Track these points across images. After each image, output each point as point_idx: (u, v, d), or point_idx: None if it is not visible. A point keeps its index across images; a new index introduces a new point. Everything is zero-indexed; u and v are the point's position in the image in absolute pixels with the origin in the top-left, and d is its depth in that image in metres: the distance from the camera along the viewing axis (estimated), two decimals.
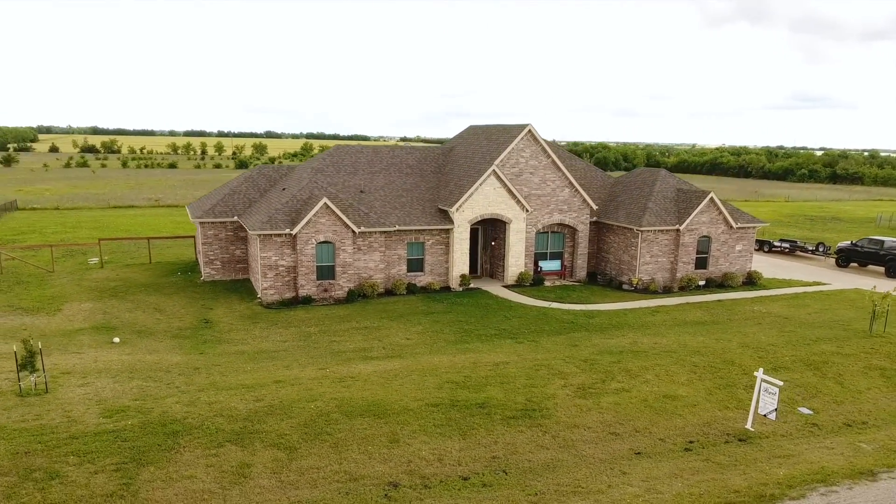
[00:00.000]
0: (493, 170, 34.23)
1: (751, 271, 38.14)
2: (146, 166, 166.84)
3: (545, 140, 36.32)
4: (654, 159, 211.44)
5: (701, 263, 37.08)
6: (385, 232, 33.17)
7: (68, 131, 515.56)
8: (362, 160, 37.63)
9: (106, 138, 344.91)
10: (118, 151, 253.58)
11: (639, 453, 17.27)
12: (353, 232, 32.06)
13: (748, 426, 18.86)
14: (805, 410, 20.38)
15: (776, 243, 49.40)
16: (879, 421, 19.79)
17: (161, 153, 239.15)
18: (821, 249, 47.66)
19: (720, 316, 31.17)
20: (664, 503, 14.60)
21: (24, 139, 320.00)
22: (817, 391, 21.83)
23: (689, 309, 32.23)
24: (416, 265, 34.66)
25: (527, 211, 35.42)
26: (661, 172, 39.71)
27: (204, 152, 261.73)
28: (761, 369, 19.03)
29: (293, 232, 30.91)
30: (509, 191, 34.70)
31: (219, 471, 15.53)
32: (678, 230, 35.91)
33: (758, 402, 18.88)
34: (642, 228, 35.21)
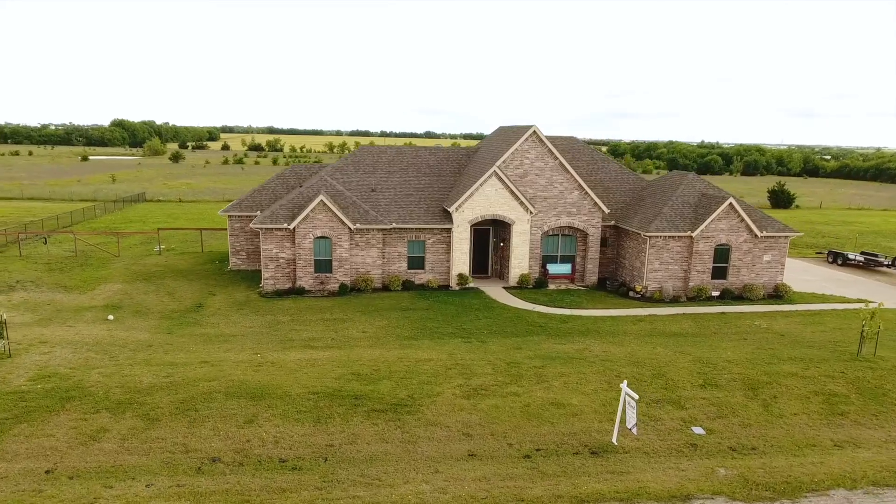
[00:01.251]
0: (495, 170, 34.44)
1: (778, 284, 35.31)
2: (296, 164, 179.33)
3: (585, 142, 35.89)
4: (813, 164, 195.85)
5: (719, 273, 34.93)
6: (382, 229, 34.47)
7: (248, 131, 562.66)
8: (383, 160, 39.18)
9: (272, 137, 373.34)
10: (281, 150, 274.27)
11: (472, 455, 17.43)
12: (350, 228, 33.64)
13: (613, 440, 18.27)
14: (698, 430, 19.29)
15: (851, 256, 44.92)
16: (773, 448, 18.34)
17: (318, 152, 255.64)
18: None
19: (709, 329, 29.47)
20: (439, 502, 14.87)
21: (200, 138, 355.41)
22: (732, 412, 20.47)
23: (680, 320, 30.70)
24: (416, 263, 35.66)
25: (531, 212, 35.24)
26: (688, 176, 37.78)
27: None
28: (625, 382, 18.34)
29: (291, 226, 33.06)
30: (512, 192, 34.73)
31: (77, 433, 17.70)
32: (691, 237, 34.11)
33: (623, 415, 18.26)
34: (650, 234, 33.85)
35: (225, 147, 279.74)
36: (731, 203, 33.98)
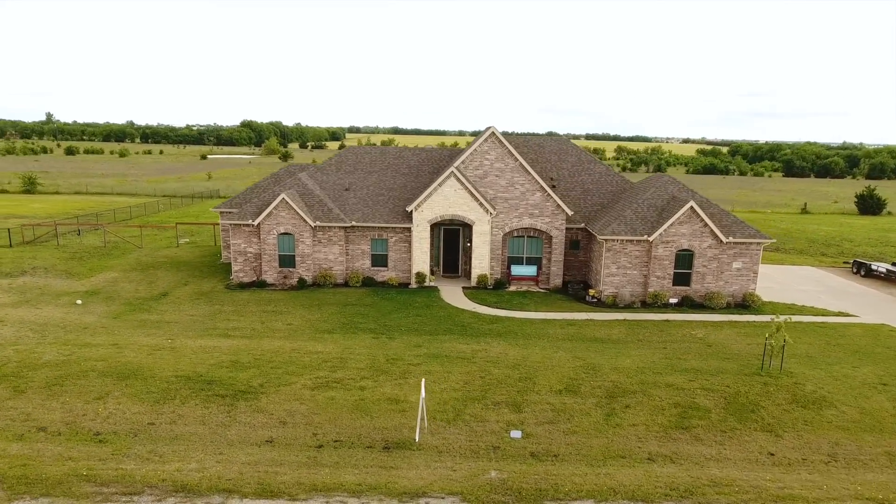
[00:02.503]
0: (453, 171, 34.92)
1: (746, 293, 33.39)
2: None
3: (581, 139, 35.79)
4: None
5: (682, 280, 33.54)
6: (344, 227, 35.84)
7: (374, 131, 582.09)
8: (365, 160, 40.56)
9: (386, 137, 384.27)
10: None
11: (269, 442, 18.51)
12: (311, 226, 35.27)
13: (416, 437, 18.69)
14: (516, 434, 19.28)
15: (875, 266, 41.36)
16: (576, 456, 18.07)
17: None
18: None
19: (637, 336, 28.60)
20: (187, 479, 16.08)
21: (321, 138, 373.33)
22: (568, 418, 20.21)
23: (614, 326, 29.92)
24: (379, 261, 36.76)
25: (491, 213, 35.40)
26: (662, 178, 36.47)
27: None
28: (423, 380, 18.68)
29: (255, 223, 35.14)
30: (471, 192, 35.08)
31: None
32: (649, 241, 33.03)
33: (423, 414, 18.64)
34: (605, 237, 33.14)
35: (342, 147, 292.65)
36: (691, 207, 32.58)
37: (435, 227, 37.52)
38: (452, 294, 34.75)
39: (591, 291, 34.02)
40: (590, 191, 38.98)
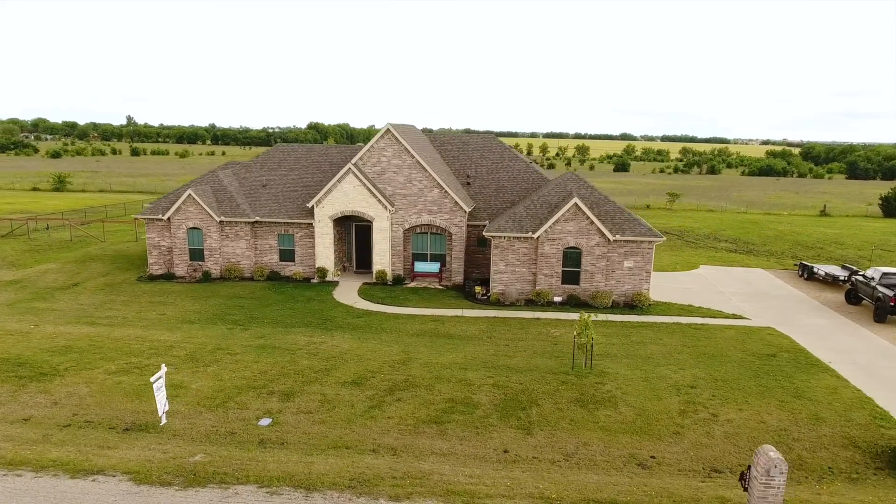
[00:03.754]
0: (350, 167, 35.37)
1: (634, 293, 32.41)
2: None
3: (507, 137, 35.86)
4: None
5: (571, 278, 32.86)
6: (249, 222, 36.83)
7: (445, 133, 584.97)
8: (291, 157, 41.48)
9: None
10: None
11: (26, 420, 19.53)
12: (217, 220, 36.43)
13: (162, 420, 19.30)
14: (264, 422, 19.63)
15: (816, 269, 39.19)
16: (303, 444, 18.26)
17: None
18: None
19: (490, 333, 28.24)
20: None
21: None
22: (329, 409, 20.41)
23: (476, 323, 29.66)
24: (287, 255, 37.56)
25: (389, 210, 35.65)
26: (566, 176, 35.87)
27: (529, 153, 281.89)
28: (164, 365, 19.27)
29: (165, 217, 36.58)
30: (369, 189, 35.43)
31: None
32: (536, 238, 32.55)
33: (164, 398, 19.25)
34: (492, 234, 32.89)
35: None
36: (575, 203, 31.91)
37: (345, 223, 38.02)
38: (347, 289, 35.17)
39: (478, 289, 33.77)
40: (504, 188, 38.64)
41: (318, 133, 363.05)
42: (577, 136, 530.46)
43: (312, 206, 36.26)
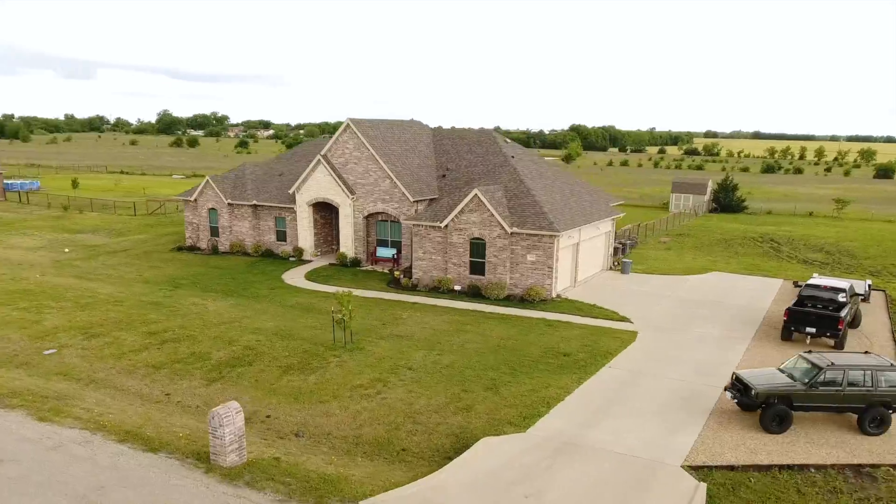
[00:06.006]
0: (319, 158, 39.60)
1: (530, 287, 31.88)
2: (697, 168, 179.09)
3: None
4: None
5: (478, 269, 33.37)
6: (251, 205, 42.86)
7: (734, 135, 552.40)
8: (312, 152, 46.65)
9: (709, 141, 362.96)
10: (717, 154, 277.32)
11: None
12: (226, 203, 43.11)
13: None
14: (49, 352, 24.81)
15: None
16: (40, 368, 23.23)
17: (756, 157, 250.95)
18: None
19: (356, 310, 30.58)
20: None
21: (640, 142, 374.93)
22: (99, 347, 25.06)
23: (356, 302, 31.98)
24: (281, 236, 42.86)
25: (350, 197, 39.15)
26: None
27: (802, 157, 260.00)
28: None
29: (192, 198, 44.22)
30: (334, 178, 39.33)
31: None
32: (444, 227, 33.79)
33: None
34: (409, 221, 34.90)
35: (661, 151, 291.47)
36: (476, 195, 32.52)
37: (332, 209, 42.05)
38: (306, 268, 39.34)
39: (396, 273, 35.77)
40: (474, 180, 39.62)
41: (577, 134, 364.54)
42: (889, 140, 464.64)
43: (293, 192, 40.99)
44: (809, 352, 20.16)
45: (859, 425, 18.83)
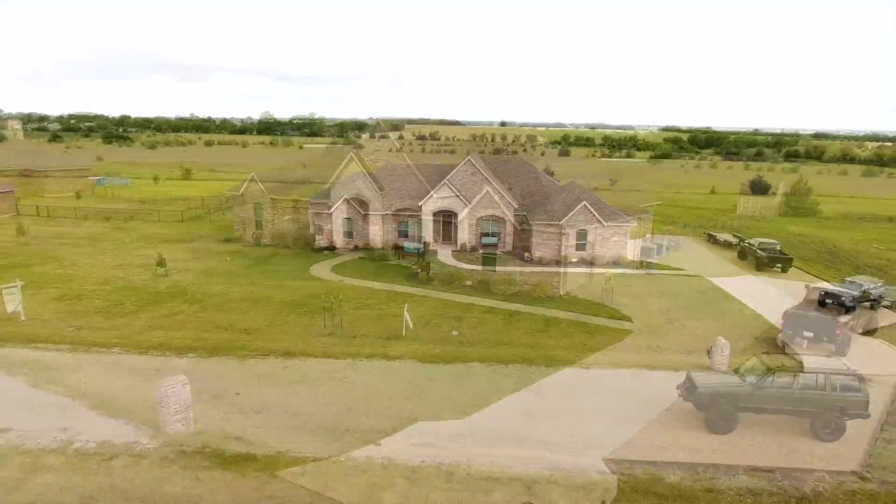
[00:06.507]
0: (351, 154, 41.51)
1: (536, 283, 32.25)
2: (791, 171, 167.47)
3: None
4: None
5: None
6: (291, 200, 45.20)
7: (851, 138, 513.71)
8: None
9: (817, 143, 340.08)
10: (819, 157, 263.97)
11: None
12: (269, 198, 45.64)
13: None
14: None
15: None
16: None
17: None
18: None
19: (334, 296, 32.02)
20: None
21: (740, 143, 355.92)
22: (118, 307, 27.46)
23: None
24: (318, 230, 44.87)
25: (379, 194, 40.75)
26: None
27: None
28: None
29: (240, 193, 47.04)
30: (365, 176, 41.09)
31: None
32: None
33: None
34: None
35: (758, 154, 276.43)
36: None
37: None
38: (334, 259, 40.98)
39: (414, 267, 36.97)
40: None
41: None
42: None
43: (328, 189, 42.92)
44: (767, 352, 19.79)
45: (812, 431, 18.38)
